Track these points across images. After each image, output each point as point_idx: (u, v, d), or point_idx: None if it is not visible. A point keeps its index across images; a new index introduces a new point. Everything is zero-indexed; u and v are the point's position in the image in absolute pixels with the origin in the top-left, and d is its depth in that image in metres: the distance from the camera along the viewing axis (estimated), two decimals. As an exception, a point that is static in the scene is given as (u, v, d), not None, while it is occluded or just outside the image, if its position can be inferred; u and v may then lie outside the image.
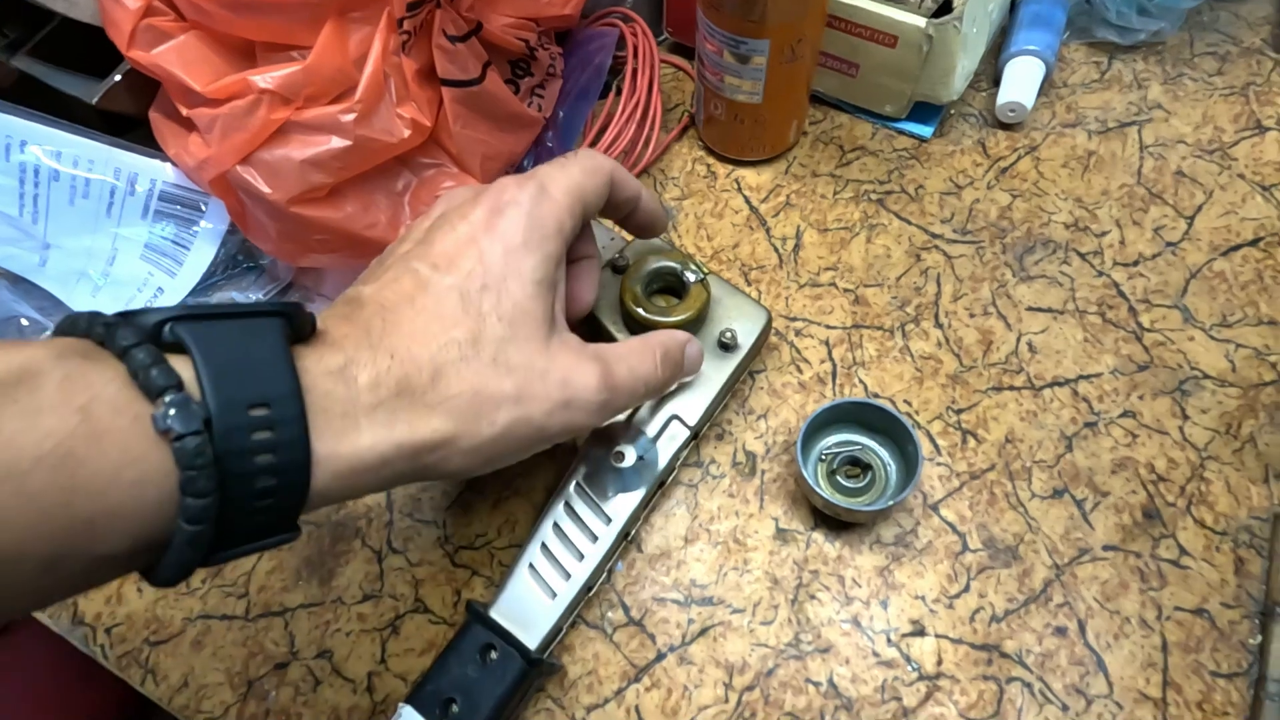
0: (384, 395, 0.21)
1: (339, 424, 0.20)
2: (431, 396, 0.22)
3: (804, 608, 0.33)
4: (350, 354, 0.21)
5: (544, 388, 0.23)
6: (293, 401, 0.19)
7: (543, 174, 0.26)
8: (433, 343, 0.22)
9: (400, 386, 0.21)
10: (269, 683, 0.33)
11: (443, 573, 0.35)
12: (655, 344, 0.28)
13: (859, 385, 0.38)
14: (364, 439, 0.21)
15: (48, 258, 0.39)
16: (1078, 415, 0.36)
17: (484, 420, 0.22)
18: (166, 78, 0.32)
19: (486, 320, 0.23)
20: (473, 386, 0.22)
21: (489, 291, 0.23)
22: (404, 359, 0.22)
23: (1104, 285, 0.39)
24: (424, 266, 0.24)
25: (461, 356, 0.22)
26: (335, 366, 0.21)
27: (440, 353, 0.22)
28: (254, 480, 0.18)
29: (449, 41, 0.34)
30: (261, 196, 0.33)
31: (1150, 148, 0.43)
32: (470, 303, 0.23)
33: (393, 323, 0.22)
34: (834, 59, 0.43)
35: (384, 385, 0.21)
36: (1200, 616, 0.31)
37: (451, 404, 0.22)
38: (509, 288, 0.24)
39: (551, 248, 0.25)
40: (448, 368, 0.22)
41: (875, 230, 0.42)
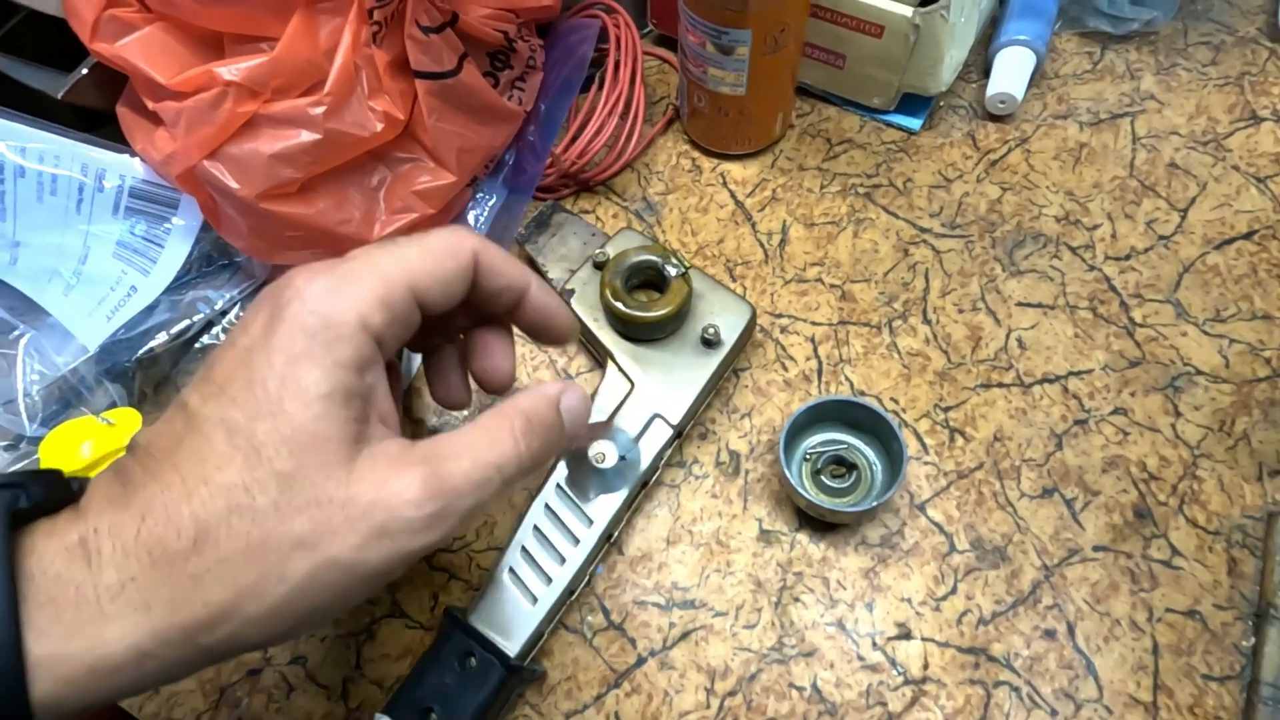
0: (133, 570, 0.17)
1: (71, 616, 0.17)
2: (195, 563, 0.18)
3: (788, 610, 0.32)
4: (93, 521, 0.18)
5: (345, 520, 0.18)
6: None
7: (356, 257, 0.21)
8: (195, 494, 0.18)
9: (154, 556, 0.17)
10: (241, 689, 0.32)
11: (419, 576, 0.34)
12: (512, 413, 0.22)
13: (845, 383, 0.37)
14: (109, 631, 0.17)
15: (17, 256, 0.39)
16: (1068, 413, 0.35)
17: (271, 578, 0.18)
18: (131, 70, 0.32)
19: (262, 454, 0.18)
20: (250, 541, 0.18)
21: (262, 419, 0.19)
22: (159, 519, 0.18)
23: (1095, 280, 0.38)
24: (195, 399, 0.19)
25: (231, 507, 0.18)
26: (74, 540, 0.17)
27: (204, 505, 0.18)
28: None
29: (422, 33, 0.33)
30: (230, 192, 0.32)
31: (1143, 139, 0.42)
32: (238, 436, 0.18)
33: (153, 473, 0.18)
34: (820, 50, 0.42)
35: (133, 556, 0.17)
36: (1192, 618, 0.31)
37: (224, 567, 0.18)
38: (287, 409, 0.19)
39: (346, 351, 0.19)
40: (214, 522, 0.18)
41: (863, 225, 0.41)
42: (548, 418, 0.23)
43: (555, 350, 0.39)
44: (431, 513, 0.19)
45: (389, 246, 0.22)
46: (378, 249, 0.22)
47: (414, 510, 0.19)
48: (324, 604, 0.19)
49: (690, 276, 0.34)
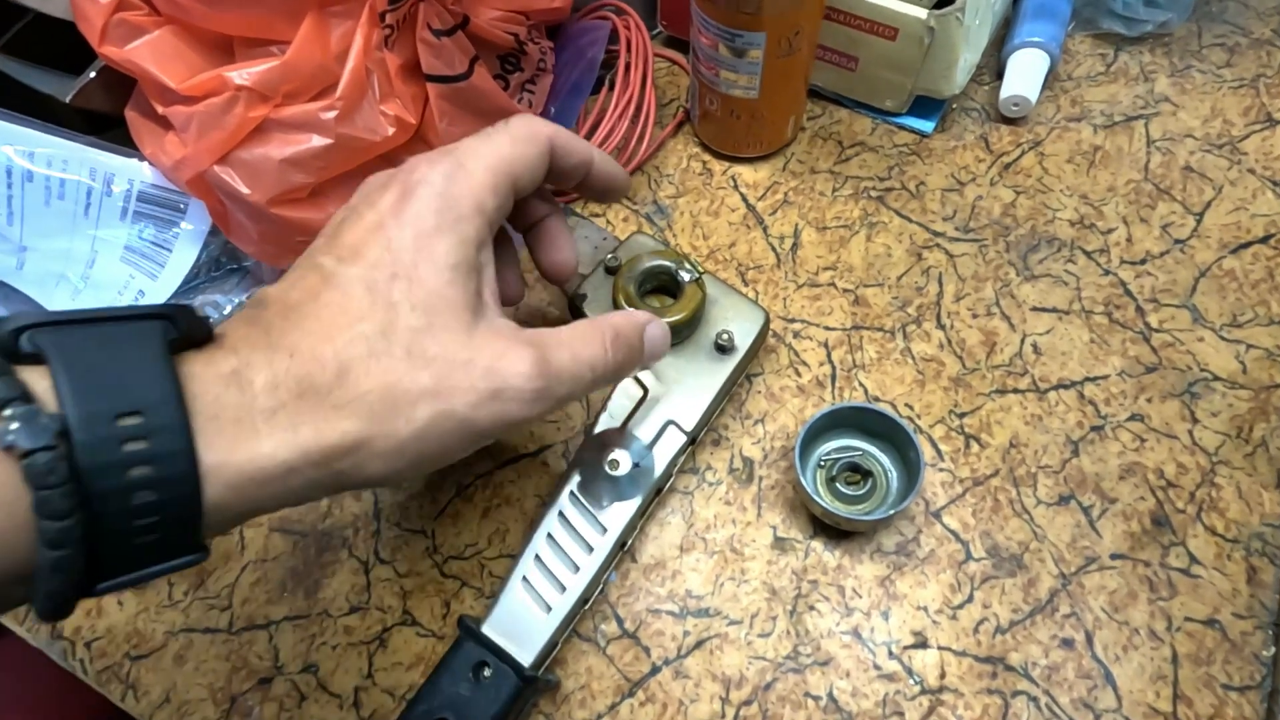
0: (284, 397, 0.19)
1: (232, 430, 0.18)
2: (338, 396, 0.20)
3: (803, 619, 0.32)
4: (245, 356, 0.19)
5: (467, 378, 0.21)
6: (170, 408, 0.17)
7: (462, 148, 0.24)
8: (337, 338, 0.20)
9: (302, 387, 0.19)
10: (253, 698, 0.32)
11: (431, 584, 0.34)
12: (605, 325, 0.25)
13: (859, 388, 0.37)
14: (264, 446, 0.19)
15: (25, 260, 0.38)
16: (1084, 419, 0.35)
17: (400, 418, 0.20)
18: (141, 74, 0.31)
19: (398, 310, 0.21)
20: (384, 382, 0.20)
21: (399, 280, 0.21)
22: (305, 357, 0.20)
23: (1110, 284, 0.38)
24: (329, 260, 0.22)
25: (370, 351, 0.20)
26: (228, 369, 0.19)
27: (346, 348, 0.20)
28: (130, 496, 0.17)
29: (434, 36, 0.33)
30: (241, 197, 0.32)
31: (1157, 142, 0.42)
32: (378, 293, 0.21)
33: (294, 320, 0.20)
34: (832, 52, 0.42)
35: (283, 387, 0.19)
36: (1211, 627, 0.31)
37: (361, 403, 0.20)
38: (421, 275, 0.21)
39: (468, 229, 0.23)
40: (355, 364, 0.20)
41: (875, 228, 0.41)
42: (632, 338, 0.26)
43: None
44: (537, 389, 0.22)
45: (483, 139, 0.24)
46: (476, 140, 0.24)
47: (524, 382, 0.22)
48: (435, 451, 0.21)
49: (704, 282, 0.34)
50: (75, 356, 0.17)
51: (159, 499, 0.17)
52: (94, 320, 0.18)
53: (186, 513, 0.18)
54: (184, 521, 0.18)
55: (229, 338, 0.20)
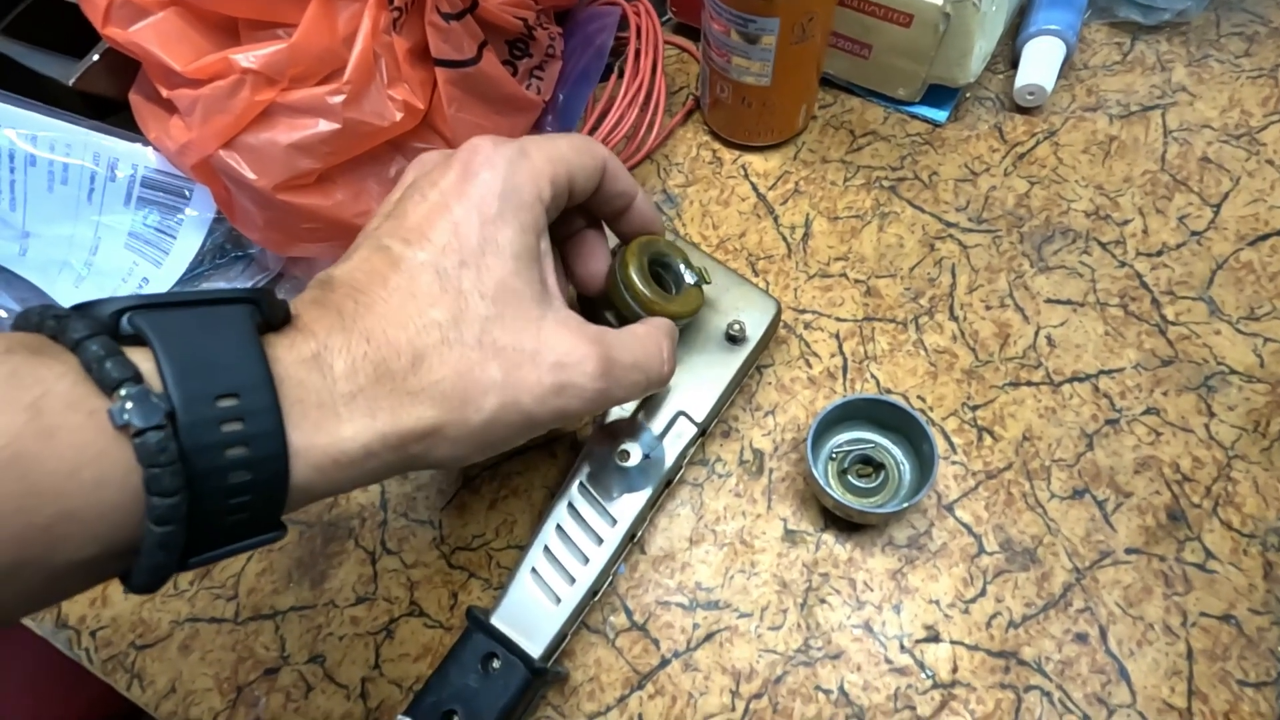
0: (362, 382, 0.20)
1: (316, 414, 0.19)
2: (413, 382, 0.20)
3: (814, 612, 0.32)
4: (323, 340, 0.20)
5: (535, 371, 0.22)
6: (264, 391, 0.18)
7: (525, 141, 0.24)
8: (410, 324, 0.21)
9: (379, 372, 0.20)
10: (259, 688, 0.32)
11: (439, 575, 0.34)
12: (660, 335, 0.26)
13: (870, 380, 0.36)
14: (345, 430, 0.19)
15: (28, 246, 0.38)
16: (1099, 412, 0.35)
17: (470, 406, 0.21)
18: (145, 57, 0.31)
19: (468, 299, 0.21)
20: (457, 370, 0.21)
21: (467, 268, 0.21)
22: (380, 343, 0.20)
23: (1126, 276, 0.38)
24: (395, 242, 0.22)
25: (443, 339, 0.21)
26: (309, 354, 0.19)
27: (419, 335, 0.21)
28: (226, 475, 0.17)
29: (443, 19, 0.32)
30: (246, 183, 0.31)
31: (1174, 132, 0.41)
32: (448, 279, 0.21)
33: (365, 304, 0.21)
34: (845, 39, 0.41)
35: (361, 372, 0.20)
36: (1227, 623, 0.30)
37: (435, 390, 0.20)
38: (488, 263, 0.22)
39: (529, 217, 0.23)
40: (429, 351, 0.21)
41: (887, 219, 0.40)
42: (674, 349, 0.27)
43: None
44: (599, 389, 0.23)
45: (546, 138, 0.25)
46: (539, 138, 0.24)
47: (588, 381, 0.22)
48: (498, 439, 0.22)
49: (703, 289, 0.32)
50: (175, 339, 0.17)
51: (252, 479, 0.18)
52: (189, 304, 0.18)
53: (275, 492, 0.18)
54: (272, 500, 0.18)
55: (304, 319, 0.20)
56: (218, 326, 0.18)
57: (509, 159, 0.23)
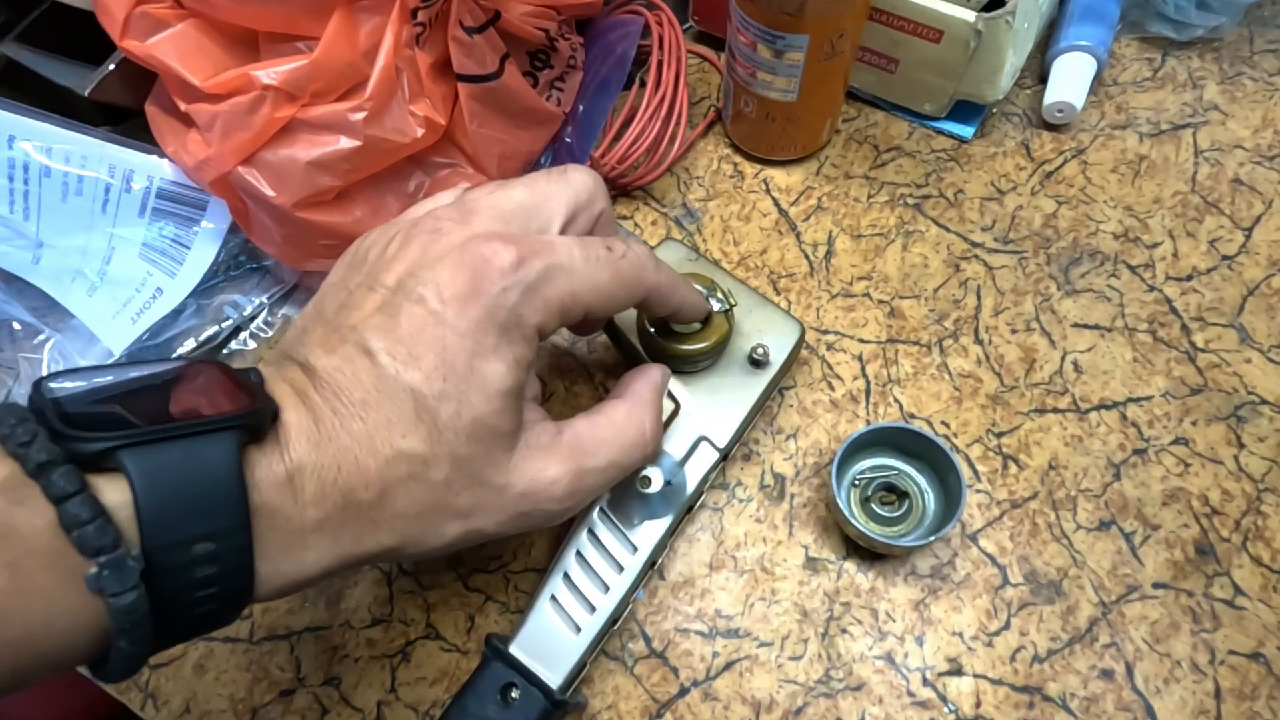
0: (329, 510, 0.20)
1: (284, 542, 0.19)
2: (377, 514, 0.21)
3: (835, 642, 0.31)
4: (298, 459, 0.20)
5: (499, 503, 0.22)
6: (239, 533, 0.18)
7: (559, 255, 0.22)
8: (381, 452, 0.20)
9: (345, 500, 0.20)
10: (274, 710, 0.32)
11: (455, 597, 0.33)
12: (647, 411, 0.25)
13: (894, 404, 0.36)
14: (309, 556, 0.20)
15: (41, 256, 0.37)
16: (1126, 441, 0.34)
17: (431, 535, 0.22)
18: (163, 70, 0.30)
19: (443, 435, 0.21)
20: (421, 506, 0.21)
21: (448, 401, 0.21)
22: (350, 470, 0.20)
23: (1155, 301, 0.37)
24: (383, 352, 0.21)
25: (410, 474, 0.21)
26: (283, 476, 0.19)
27: (388, 467, 0.20)
28: (193, 606, 0.18)
29: (465, 33, 0.32)
30: (265, 200, 0.31)
31: (1206, 152, 0.41)
32: (425, 410, 0.20)
33: (343, 419, 0.20)
34: (872, 54, 0.40)
35: (329, 499, 0.20)
36: (1256, 661, 0.30)
37: (398, 520, 0.21)
38: (471, 400, 0.21)
39: (526, 352, 0.22)
40: (395, 486, 0.21)
41: (912, 237, 0.40)
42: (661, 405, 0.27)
43: (594, 364, 0.38)
44: (565, 508, 0.23)
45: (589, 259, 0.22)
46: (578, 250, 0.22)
47: (554, 505, 0.23)
48: (453, 551, 0.23)
49: (733, 314, 0.32)
50: (157, 484, 0.17)
51: (218, 606, 0.19)
52: (175, 437, 0.18)
53: (237, 608, 0.19)
54: (231, 613, 0.20)
55: (284, 422, 0.20)
56: (203, 463, 0.18)
57: (525, 285, 0.21)
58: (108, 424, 0.17)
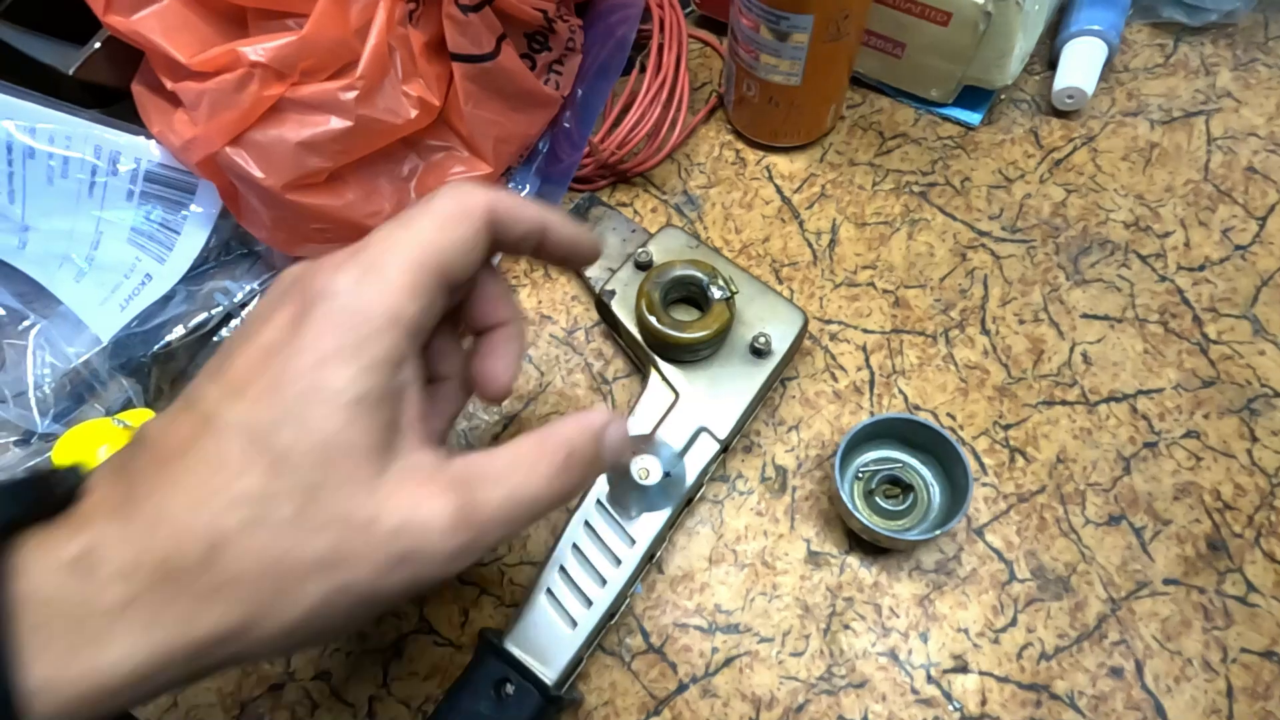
0: (138, 587, 0.16)
1: (69, 639, 0.15)
2: (207, 580, 0.16)
3: (837, 638, 0.31)
4: (96, 534, 0.16)
5: (367, 544, 0.17)
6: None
7: (374, 244, 0.20)
8: (211, 504, 0.17)
9: (164, 570, 0.16)
10: (263, 705, 0.31)
11: (449, 590, 0.32)
12: (556, 445, 0.20)
13: (898, 396, 0.35)
14: (110, 652, 0.16)
15: (27, 240, 0.37)
16: (1136, 434, 0.33)
17: (285, 599, 0.17)
18: (148, 47, 0.29)
19: (284, 464, 0.17)
20: (265, 558, 0.17)
21: (286, 425, 0.17)
22: (169, 532, 0.16)
23: (1166, 291, 0.36)
24: (208, 399, 0.18)
25: (248, 519, 0.17)
26: (71, 555, 0.16)
27: (219, 517, 0.17)
28: None
29: (461, 12, 0.31)
30: (254, 181, 0.30)
31: (1219, 140, 0.40)
32: (260, 443, 0.17)
33: (166, 477, 0.17)
34: (878, 37, 0.39)
35: (140, 572, 0.16)
36: (1269, 659, 0.29)
37: (236, 585, 0.17)
38: (313, 415, 0.17)
39: (379, 349, 0.18)
40: (229, 537, 0.17)
41: (917, 226, 0.39)
42: (588, 452, 0.21)
43: (592, 354, 0.37)
44: (459, 545, 0.18)
45: (400, 224, 0.20)
46: (392, 228, 0.20)
47: (441, 541, 0.18)
48: (334, 626, 0.18)
49: (734, 302, 0.32)
50: None
51: None
52: None
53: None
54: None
55: (90, 499, 0.17)
56: None
57: (352, 281, 0.19)
58: None
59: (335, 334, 0.18)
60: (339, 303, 0.18)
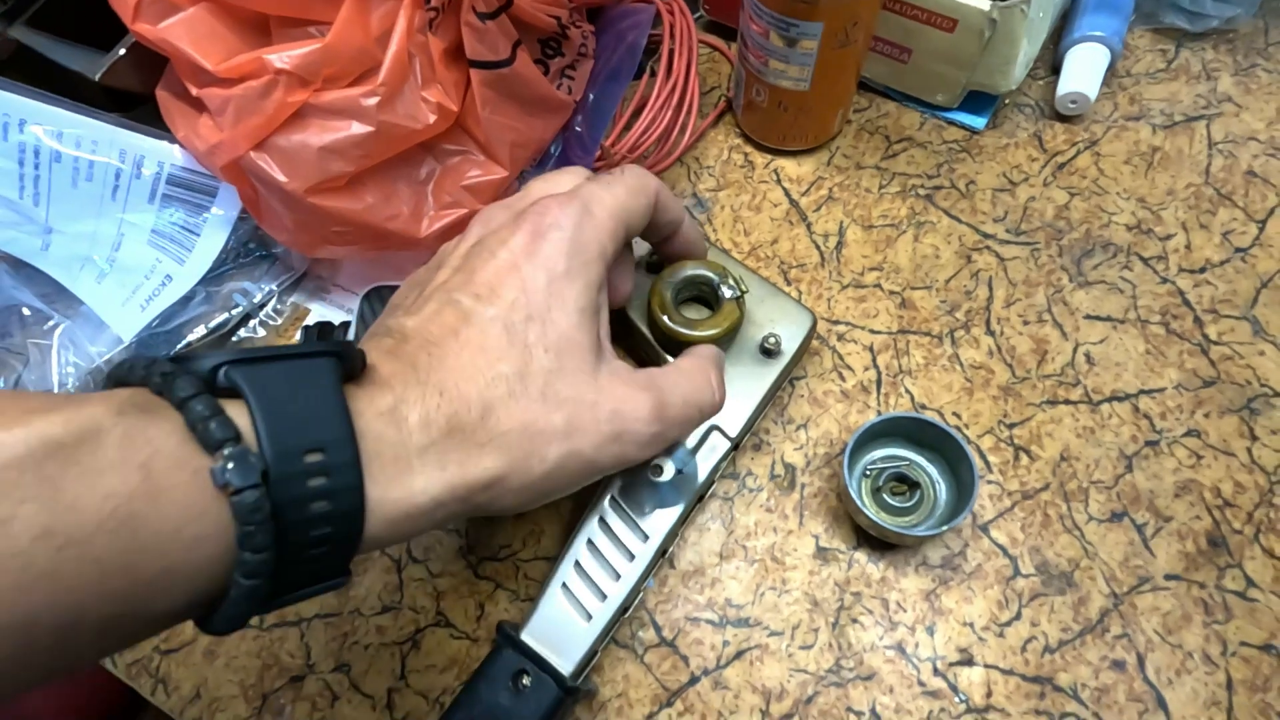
0: (434, 435, 0.20)
1: (391, 468, 0.20)
2: (481, 434, 0.21)
3: (845, 632, 0.31)
4: (399, 393, 0.20)
5: (594, 421, 0.22)
6: (347, 446, 0.18)
7: (586, 193, 0.25)
8: (480, 378, 0.21)
9: (450, 425, 0.21)
10: (284, 696, 0.32)
11: (465, 585, 0.33)
12: (711, 364, 0.27)
13: (905, 395, 0.36)
14: (417, 482, 0.20)
15: (50, 242, 0.37)
16: (1138, 433, 0.34)
17: (535, 457, 0.22)
18: (175, 54, 0.30)
19: (533, 352, 0.22)
20: (522, 422, 0.21)
21: (534, 322, 0.22)
22: (452, 396, 0.21)
23: (1168, 293, 0.37)
24: (466, 298, 0.23)
25: (509, 392, 0.22)
26: (386, 407, 0.20)
27: (488, 388, 0.21)
28: (309, 528, 0.18)
29: (478, 19, 0.31)
30: (277, 185, 0.31)
31: (1219, 144, 0.40)
32: (515, 334, 0.22)
33: (438, 357, 0.22)
34: (884, 43, 0.40)
35: (434, 425, 0.20)
36: (1268, 653, 0.30)
37: (501, 441, 0.21)
38: (554, 318, 0.23)
39: (594, 273, 0.24)
40: (496, 404, 0.21)
41: (923, 228, 0.39)
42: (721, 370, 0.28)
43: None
44: (654, 433, 0.24)
45: (604, 185, 0.25)
46: (598, 186, 0.25)
47: (644, 427, 0.23)
48: (560, 486, 0.23)
49: (745, 301, 0.32)
50: (268, 394, 0.18)
51: (331, 531, 0.18)
52: (279, 358, 0.19)
53: (350, 544, 0.19)
54: (346, 551, 0.19)
55: (381, 371, 0.21)
56: (306, 381, 0.18)
57: (576, 219, 0.24)
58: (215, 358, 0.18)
59: (567, 257, 0.23)
60: (568, 234, 0.23)
